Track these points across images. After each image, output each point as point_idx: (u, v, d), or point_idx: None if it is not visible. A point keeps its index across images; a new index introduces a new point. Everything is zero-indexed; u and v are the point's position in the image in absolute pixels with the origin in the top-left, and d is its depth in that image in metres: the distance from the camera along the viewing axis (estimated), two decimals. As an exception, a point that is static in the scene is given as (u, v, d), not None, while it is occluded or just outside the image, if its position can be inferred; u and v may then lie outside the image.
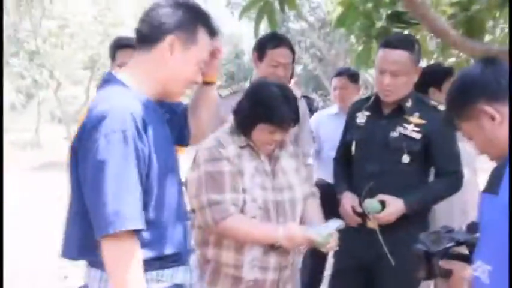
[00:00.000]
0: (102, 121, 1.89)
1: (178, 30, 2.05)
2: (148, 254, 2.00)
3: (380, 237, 3.11)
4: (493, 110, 1.84)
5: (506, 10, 4.00)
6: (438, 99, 3.47)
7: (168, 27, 2.05)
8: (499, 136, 1.84)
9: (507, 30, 4.82)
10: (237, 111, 2.83)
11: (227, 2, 19.44)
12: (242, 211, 2.68)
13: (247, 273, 2.71)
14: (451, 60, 4.92)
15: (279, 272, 2.77)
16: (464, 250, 2.13)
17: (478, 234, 2.17)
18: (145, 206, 1.97)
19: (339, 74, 5.09)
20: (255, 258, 2.71)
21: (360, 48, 4.43)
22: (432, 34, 3.95)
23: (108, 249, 1.90)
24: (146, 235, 1.99)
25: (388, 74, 3.13)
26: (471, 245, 2.10)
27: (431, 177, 3.38)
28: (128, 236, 1.89)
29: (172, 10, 2.07)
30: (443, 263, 2.10)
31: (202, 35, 2.11)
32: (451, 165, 3.24)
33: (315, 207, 2.97)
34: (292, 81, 4.31)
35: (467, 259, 2.06)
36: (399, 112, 3.22)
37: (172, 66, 2.07)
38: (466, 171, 3.34)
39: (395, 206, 3.10)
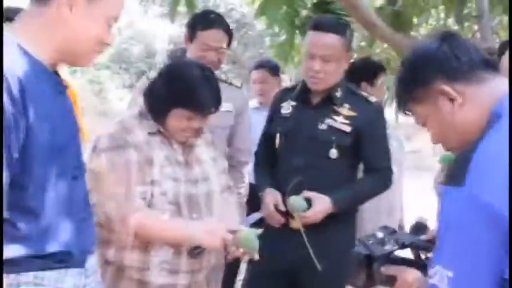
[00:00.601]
0: None
1: None
2: (23, 249, 1.67)
3: (305, 239, 2.83)
4: (453, 90, 1.57)
5: (435, 4, 3.94)
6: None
7: None
8: (459, 120, 1.57)
9: (435, 24, 4.81)
10: (149, 93, 2.50)
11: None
12: (149, 206, 2.37)
13: (154, 277, 2.39)
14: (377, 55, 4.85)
15: (191, 276, 2.45)
16: (408, 254, 1.89)
17: (423, 237, 1.95)
18: (22, 189, 1.67)
19: (259, 66, 4.82)
20: (163, 260, 2.39)
21: (282, 38, 4.25)
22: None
23: None
24: (22, 226, 1.67)
25: (317, 59, 2.88)
26: (416, 248, 1.87)
27: (360, 174, 3.18)
28: None
29: None
30: (386, 269, 1.83)
31: None
32: (381, 161, 3.04)
33: (231, 203, 2.68)
34: None
35: (412, 264, 1.82)
36: (328, 102, 2.98)
37: (73, 25, 1.74)
38: (394, 170, 3.13)
39: (322, 204, 2.86)
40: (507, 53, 2.67)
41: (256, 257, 2.35)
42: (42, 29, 1.74)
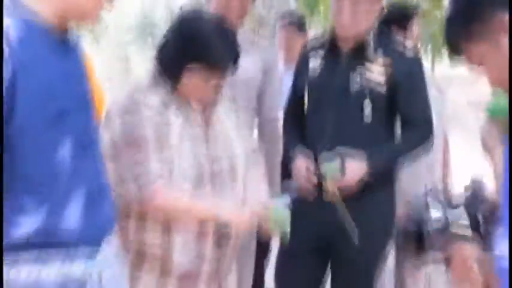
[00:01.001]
0: None
1: None
2: (27, 226, 1.50)
3: (341, 209, 2.59)
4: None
5: None
6: None
7: None
8: None
9: None
10: (160, 51, 2.25)
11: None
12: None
13: (178, 257, 2.17)
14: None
15: (216, 263, 2.23)
16: (463, 229, 1.61)
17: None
18: (14, 157, 1.49)
19: (284, 21, 4.53)
20: (187, 242, 2.18)
21: None
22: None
23: None
24: (22, 198, 1.51)
25: (347, 1, 2.58)
26: (474, 212, 1.59)
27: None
28: None
29: None
30: (439, 248, 1.58)
31: None
32: (421, 113, 2.74)
33: (255, 178, 2.40)
34: None
35: (467, 239, 1.57)
36: (360, 50, 2.68)
37: None
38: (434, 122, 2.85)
39: (357, 166, 2.59)
40: None
41: (288, 230, 2.15)
42: None
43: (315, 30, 6.12)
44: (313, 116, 2.78)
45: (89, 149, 1.66)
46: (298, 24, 4.46)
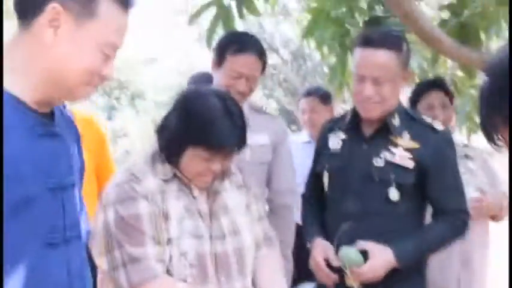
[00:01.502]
0: None
1: None
2: None
3: None
4: None
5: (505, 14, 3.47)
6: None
7: None
8: None
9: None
10: (161, 129, 2.11)
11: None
12: (169, 269, 1.97)
13: None
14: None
15: None
16: None
17: None
18: None
19: (308, 94, 4.39)
20: None
21: (333, 60, 3.84)
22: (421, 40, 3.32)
23: None
24: None
25: (368, 82, 2.41)
26: None
27: (428, 220, 2.63)
28: None
29: None
30: None
31: (106, 5, 1.48)
32: (453, 201, 2.51)
33: (271, 261, 2.23)
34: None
35: None
36: (384, 132, 2.49)
37: (57, 51, 1.45)
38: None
39: (381, 257, 2.37)
40: None
41: None
42: (23, 57, 1.46)
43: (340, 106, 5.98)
44: (333, 203, 2.57)
45: (60, 247, 1.48)
46: (322, 96, 4.30)
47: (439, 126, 2.51)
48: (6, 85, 1.42)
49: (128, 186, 1.99)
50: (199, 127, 1.98)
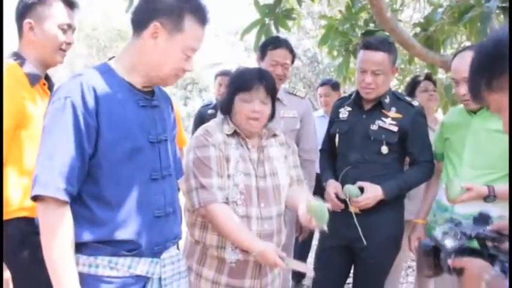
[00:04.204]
0: (55, 90, 1.39)
1: (163, 17, 1.43)
2: (97, 233, 1.36)
3: (355, 220, 2.34)
4: None
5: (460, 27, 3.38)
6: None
7: (152, 14, 1.44)
8: None
9: (464, 43, 4.19)
10: (221, 99, 2.12)
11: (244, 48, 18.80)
12: (226, 195, 1.95)
13: (229, 254, 1.95)
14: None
15: None
16: (475, 244, 1.34)
17: (488, 227, 1.38)
18: (95, 180, 1.37)
19: (323, 84, 4.34)
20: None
21: (339, 60, 3.77)
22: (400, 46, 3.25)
23: (38, 212, 1.33)
24: (97, 212, 1.37)
25: (369, 73, 2.37)
26: (483, 239, 1.31)
27: (406, 167, 2.59)
28: (53, 202, 1.31)
29: None
30: (454, 261, 1.30)
31: (189, 23, 1.46)
32: (424, 155, 2.45)
33: (299, 189, 2.16)
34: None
35: (479, 255, 1.28)
36: (378, 107, 2.44)
37: (155, 54, 1.45)
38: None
39: (373, 192, 2.34)
40: None
41: (325, 227, 1.87)
42: (134, 56, 1.48)
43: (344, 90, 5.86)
44: (341, 155, 2.53)
45: (159, 180, 1.47)
46: (333, 85, 4.24)
47: (415, 103, 2.47)
48: (124, 75, 1.45)
49: (202, 137, 1.98)
50: (239, 80, 2.00)
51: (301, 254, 3.77)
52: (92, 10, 18.50)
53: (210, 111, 3.98)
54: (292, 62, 2.83)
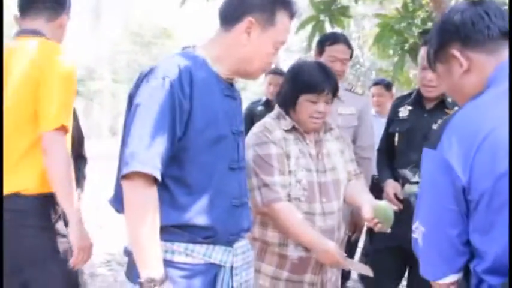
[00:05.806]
0: (151, 70, 1.39)
1: (257, 12, 1.44)
2: (175, 217, 1.36)
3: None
4: (462, 56, 1.21)
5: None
6: None
7: (246, 9, 1.44)
8: (463, 85, 1.23)
9: None
10: (279, 93, 2.09)
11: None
12: (289, 192, 1.93)
13: (292, 251, 1.94)
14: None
15: None
16: None
17: None
18: (180, 164, 1.37)
19: (376, 83, 4.24)
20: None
21: (395, 59, 3.72)
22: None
23: (125, 192, 1.31)
24: (177, 196, 1.36)
25: (430, 70, 2.27)
26: None
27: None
28: (144, 180, 1.28)
29: None
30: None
31: (280, 16, 1.47)
32: None
33: (359, 185, 2.13)
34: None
35: None
36: (441, 106, 2.39)
37: (249, 48, 1.46)
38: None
39: None
40: None
41: (389, 230, 1.85)
42: (222, 49, 1.47)
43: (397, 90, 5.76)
44: (400, 154, 2.49)
45: (236, 170, 1.48)
46: (386, 85, 4.18)
47: None
48: (210, 64, 1.45)
49: (262, 134, 1.96)
50: (305, 79, 1.96)
51: (348, 254, 3.72)
52: (137, 7, 18.92)
53: (259, 108, 3.98)
54: (351, 57, 2.80)
